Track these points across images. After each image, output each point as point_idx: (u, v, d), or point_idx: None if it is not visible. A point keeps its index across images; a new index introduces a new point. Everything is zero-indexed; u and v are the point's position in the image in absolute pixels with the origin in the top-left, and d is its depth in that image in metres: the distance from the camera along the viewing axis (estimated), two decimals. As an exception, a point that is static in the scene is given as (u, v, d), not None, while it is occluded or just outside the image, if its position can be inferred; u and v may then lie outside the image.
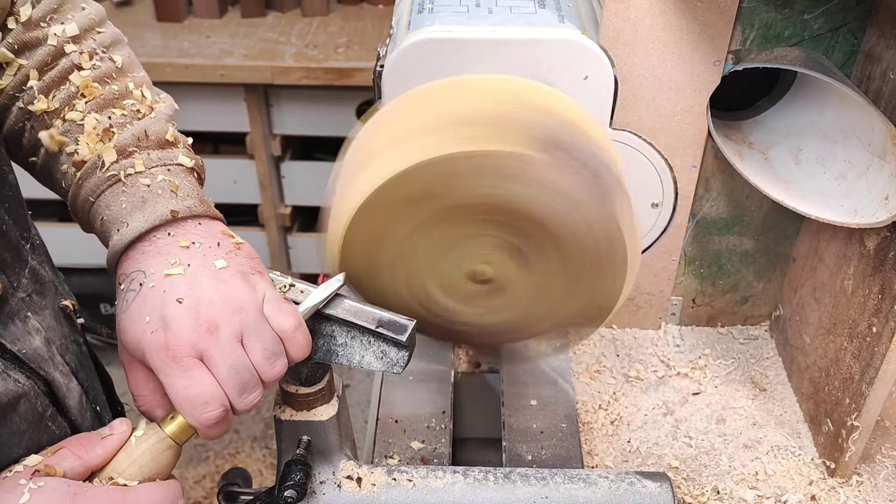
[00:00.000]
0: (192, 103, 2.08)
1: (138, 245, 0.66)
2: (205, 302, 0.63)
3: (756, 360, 1.14)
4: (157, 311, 0.62)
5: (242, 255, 0.67)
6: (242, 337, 0.63)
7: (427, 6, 0.92)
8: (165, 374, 0.62)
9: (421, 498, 0.75)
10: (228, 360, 0.62)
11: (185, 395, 0.62)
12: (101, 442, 0.62)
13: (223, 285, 0.64)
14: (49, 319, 0.68)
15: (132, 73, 0.73)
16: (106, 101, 0.70)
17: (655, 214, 1.04)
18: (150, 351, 0.62)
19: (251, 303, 0.64)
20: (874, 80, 0.88)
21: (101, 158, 0.67)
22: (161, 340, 0.61)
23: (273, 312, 0.65)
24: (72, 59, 0.70)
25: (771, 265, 1.12)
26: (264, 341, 0.64)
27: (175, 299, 0.62)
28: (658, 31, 0.90)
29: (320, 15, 2.24)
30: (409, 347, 0.69)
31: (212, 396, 0.62)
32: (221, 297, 0.63)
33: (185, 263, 0.64)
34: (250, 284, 0.65)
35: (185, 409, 0.62)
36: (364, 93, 2.06)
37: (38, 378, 0.64)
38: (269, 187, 2.22)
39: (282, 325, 0.65)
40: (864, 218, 0.86)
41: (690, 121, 0.97)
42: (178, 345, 0.61)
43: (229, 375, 0.62)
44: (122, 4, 2.24)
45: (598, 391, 1.08)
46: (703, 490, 0.95)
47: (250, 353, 0.64)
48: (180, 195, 0.68)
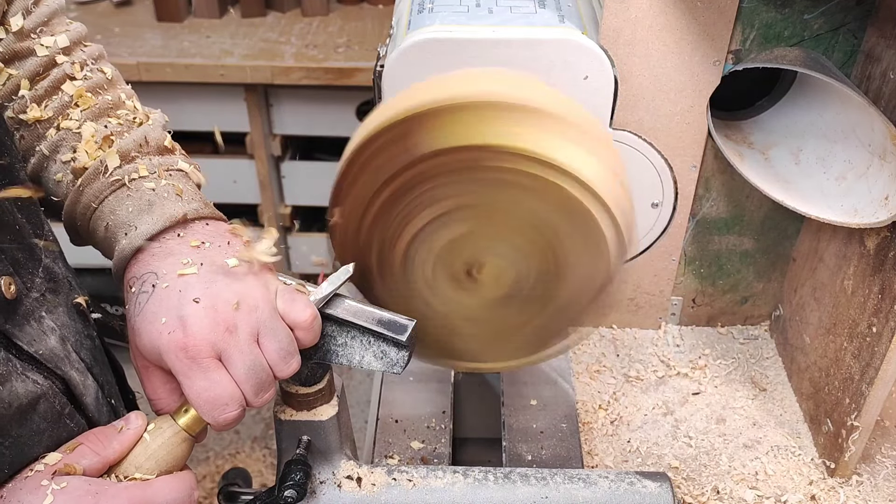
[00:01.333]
0: (192, 103, 2.08)
1: (148, 248, 0.66)
2: (222, 301, 0.63)
3: (756, 360, 1.14)
4: (174, 311, 0.62)
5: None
6: (258, 336, 0.64)
7: (427, 6, 0.92)
8: (185, 375, 0.62)
9: (421, 498, 0.75)
10: (247, 361, 0.63)
11: (206, 396, 0.62)
12: (118, 437, 0.63)
13: (238, 284, 0.64)
14: (63, 317, 0.68)
15: (121, 85, 0.75)
16: (101, 110, 0.71)
17: (655, 214, 1.04)
18: (168, 352, 0.62)
19: (265, 301, 0.64)
20: (874, 80, 0.88)
21: (103, 164, 0.68)
22: (180, 341, 0.61)
23: (288, 306, 0.65)
24: (64, 70, 0.71)
25: (771, 265, 1.12)
26: (280, 340, 0.64)
27: (192, 299, 0.62)
28: (658, 31, 0.90)
29: (320, 15, 2.24)
30: (409, 347, 0.69)
31: (231, 398, 0.62)
32: (238, 296, 0.63)
33: (198, 263, 0.64)
34: (263, 282, 0.66)
35: (204, 410, 0.63)
36: (364, 93, 2.06)
37: (56, 377, 0.64)
38: (269, 187, 2.22)
39: (297, 318, 0.65)
40: (864, 218, 0.86)
41: (690, 121, 0.97)
42: (197, 345, 0.61)
43: (247, 376, 0.63)
44: (122, 4, 2.24)
45: (598, 391, 1.08)
46: (703, 490, 0.95)
47: (266, 352, 0.64)
48: (185, 198, 0.68)
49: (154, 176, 0.69)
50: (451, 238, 0.75)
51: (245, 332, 0.63)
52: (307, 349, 0.69)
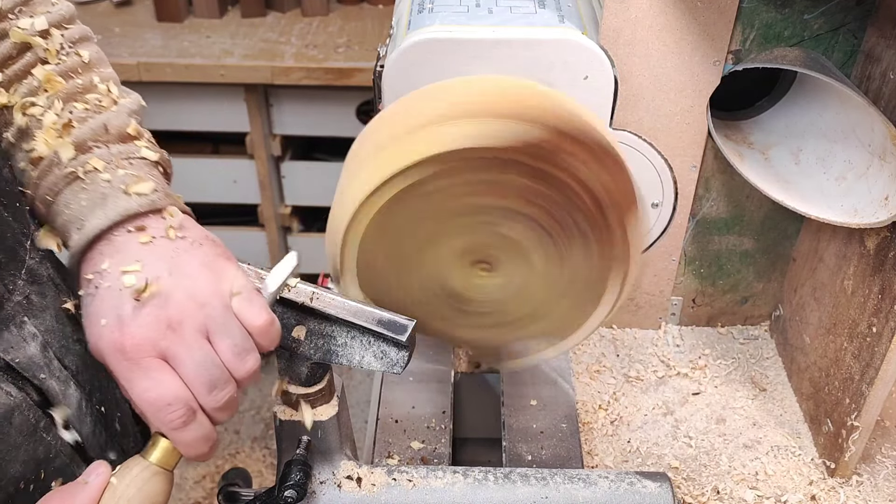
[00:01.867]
0: (192, 103, 2.08)
1: (97, 246, 0.61)
2: (165, 298, 0.58)
3: (756, 360, 1.14)
4: (114, 311, 0.58)
5: (208, 245, 0.63)
6: (209, 334, 0.59)
7: (427, 6, 0.92)
8: (125, 378, 0.58)
9: (421, 498, 0.75)
10: (196, 357, 0.58)
11: (147, 398, 0.57)
12: (84, 490, 0.58)
13: (186, 280, 0.60)
14: (49, 321, 0.66)
15: (99, 68, 0.70)
16: (69, 94, 0.66)
17: (655, 214, 1.04)
18: (108, 354, 0.58)
19: (216, 297, 0.60)
20: (874, 80, 0.88)
21: (57, 155, 0.63)
22: (117, 341, 0.57)
23: (244, 307, 0.61)
24: (37, 54, 0.66)
25: (771, 265, 1.12)
26: (233, 337, 0.60)
27: (132, 297, 0.58)
28: (658, 31, 0.90)
29: (320, 15, 2.24)
30: (409, 347, 0.69)
31: (175, 398, 0.58)
32: (184, 293, 0.59)
33: (144, 260, 0.60)
34: (216, 277, 0.61)
35: (148, 413, 0.58)
36: (364, 93, 2.06)
37: (31, 387, 0.62)
38: (269, 187, 2.22)
39: (253, 321, 0.61)
40: (864, 218, 0.86)
41: (690, 121, 0.97)
42: (136, 344, 0.57)
43: (196, 373, 0.58)
44: (122, 4, 2.24)
45: (598, 391, 1.08)
46: (703, 490, 0.95)
47: (218, 351, 0.60)
48: (142, 189, 0.63)
49: (111, 167, 0.63)
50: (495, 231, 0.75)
51: (191, 329, 0.58)
52: (306, 350, 0.69)
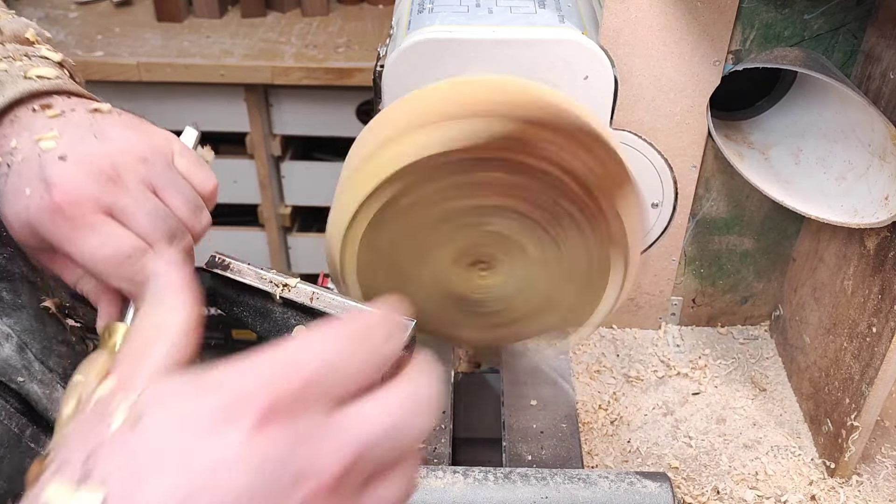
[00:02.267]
0: (192, 103, 2.08)
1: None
2: (96, 153, 0.52)
3: (756, 360, 1.14)
4: (37, 177, 0.52)
5: (127, 115, 0.58)
6: (155, 189, 0.54)
7: (427, 6, 0.92)
8: (69, 241, 0.51)
9: (421, 498, 0.75)
10: (148, 207, 0.52)
11: (102, 255, 0.51)
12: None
13: (117, 140, 0.54)
14: (26, 321, 0.61)
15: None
16: None
17: (655, 214, 1.04)
18: (42, 223, 0.51)
19: (157, 153, 0.55)
20: (874, 80, 0.88)
21: None
22: (50, 203, 0.51)
23: (192, 169, 0.56)
24: None
25: (771, 265, 1.12)
26: (184, 193, 0.55)
27: (57, 157, 0.52)
28: (658, 31, 0.90)
29: (320, 15, 2.24)
30: (409, 348, 0.68)
31: (133, 248, 0.51)
32: (117, 148, 0.53)
33: (60, 130, 0.54)
34: (148, 137, 0.56)
35: (109, 271, 0.52)
36: (364, 93, 2.06)
37: (11, 394, 0.58)
38: (269, 187, 2.22)
39: (205, 185, 0.56)
40: (864, 218, 0.86)
41: (690, 121, 0.97)
42: (74, 201, 0.51)
43: (153, 224, 0.52)
44: (122, 4, 2.24)
45: (598, 391, 1.08)
46: (703, 490, 0.95)
47: (170, 205, 0.54)
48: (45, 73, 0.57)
49: (8, 60, 0.58)
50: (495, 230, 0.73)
51: (135, 181, 0.53)
52: None
